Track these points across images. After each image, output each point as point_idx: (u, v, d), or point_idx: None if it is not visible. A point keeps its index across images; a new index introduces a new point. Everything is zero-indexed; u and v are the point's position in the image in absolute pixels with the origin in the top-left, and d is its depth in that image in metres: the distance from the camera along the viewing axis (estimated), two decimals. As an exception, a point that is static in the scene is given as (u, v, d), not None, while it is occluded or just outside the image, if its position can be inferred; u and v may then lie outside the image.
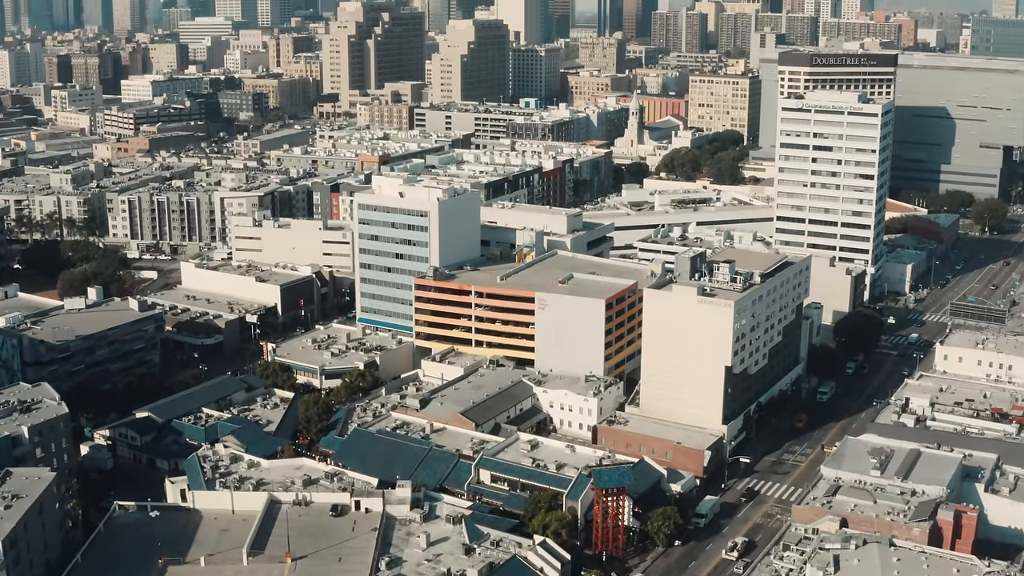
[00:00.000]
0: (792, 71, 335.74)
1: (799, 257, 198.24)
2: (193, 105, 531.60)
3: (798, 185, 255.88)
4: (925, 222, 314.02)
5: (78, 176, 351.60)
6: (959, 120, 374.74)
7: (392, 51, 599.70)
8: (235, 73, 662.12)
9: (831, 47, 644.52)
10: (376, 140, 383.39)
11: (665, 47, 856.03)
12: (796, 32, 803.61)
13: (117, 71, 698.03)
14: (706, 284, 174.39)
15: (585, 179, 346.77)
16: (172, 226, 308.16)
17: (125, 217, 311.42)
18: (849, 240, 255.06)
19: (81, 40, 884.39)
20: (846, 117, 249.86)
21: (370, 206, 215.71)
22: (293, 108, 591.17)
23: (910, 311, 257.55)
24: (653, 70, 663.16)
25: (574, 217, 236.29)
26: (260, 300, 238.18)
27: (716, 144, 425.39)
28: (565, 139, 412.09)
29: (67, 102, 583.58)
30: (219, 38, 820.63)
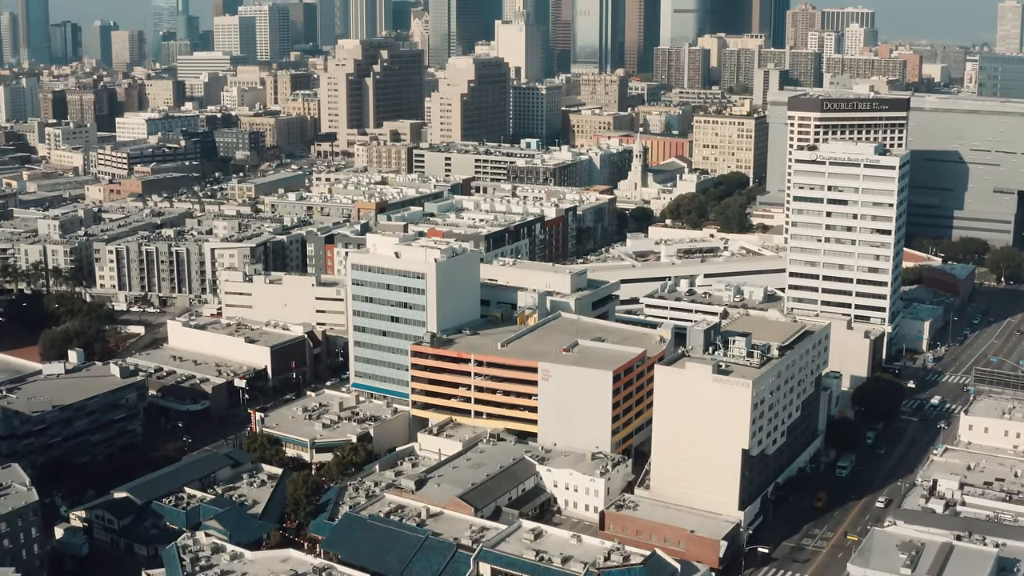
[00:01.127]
0: (802, 116, 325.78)
1: (818, 326, 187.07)
2: (188, 144, 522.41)
3: (812, 240, 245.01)
4: (940, 273, 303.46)
5: (67, 222, 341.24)
6: (972, 164, 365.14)
7: (391, 89, 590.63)
8: (232, 110, 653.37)
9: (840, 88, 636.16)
10: (373, 185, 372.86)
11: (667, 83, 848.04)
12: (800, 68, 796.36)
13: (113, 107, 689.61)
14: (721, 359, 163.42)
15: (588, 227, 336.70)
16: (161, 277, 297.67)
17: (112, 268, 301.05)
18: (865, 298, 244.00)
19: (77, 75, 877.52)
20: (862, 170, 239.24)
21: (364, 266, 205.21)
22: (290, 147, 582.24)
23: (929, 371, 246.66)
24: (655, 108, 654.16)
25: (578, 275, 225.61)
26: (249, 362, 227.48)
27: (722, 187, 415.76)
28: (567, 183, 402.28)
29: (61, 140, 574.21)
30: (216, 74, 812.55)
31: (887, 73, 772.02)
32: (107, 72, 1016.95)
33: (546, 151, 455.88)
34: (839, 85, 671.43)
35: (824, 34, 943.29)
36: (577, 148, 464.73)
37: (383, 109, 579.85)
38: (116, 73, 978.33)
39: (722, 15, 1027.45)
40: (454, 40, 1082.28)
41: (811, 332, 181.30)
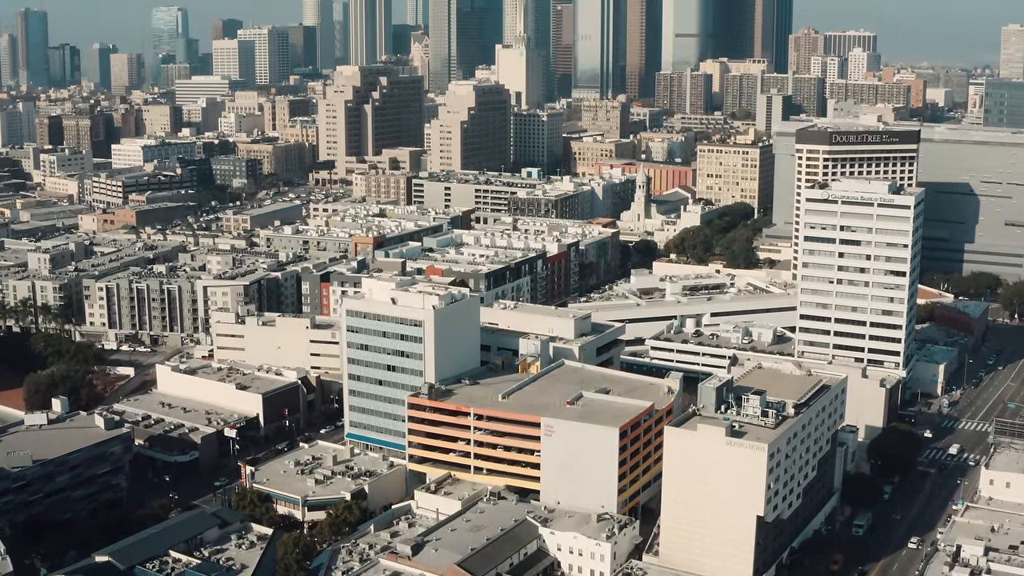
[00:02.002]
0: (810, 149, 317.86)
1: (834, 379, 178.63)
2: (184, 172, 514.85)
3: (823, 282, 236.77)
4: (953, 312, 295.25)
5: (57, 256, 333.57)
6: (983, 197, 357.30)
7: (390, 116, 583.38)
8: (229, 137, 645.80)
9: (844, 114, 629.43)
10: (371, 217, 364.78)
11: (669, 108, 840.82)
12: (803, 93, 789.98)
13: (109, 132, 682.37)
14: (734, 419, 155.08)
15: (591, 261, 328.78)
16: (152, 315, 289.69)
17: (103, 305, 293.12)
18: (878, 341, 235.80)
19: (74, 101, 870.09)
20: (876, 209, 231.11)
21: (360, 313, 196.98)
22: (288, 174, 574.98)
23: (944, 416, 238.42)
24: (658, 134, 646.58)
25: (582, 320, 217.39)
26: (241, 409, 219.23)
27: (726, 218, 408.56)
28: (569, 214, 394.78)
29: (56, 167, 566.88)
30: (214, 99, 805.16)
31: (891, 99, 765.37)
32: (105, 96, 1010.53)
33: (547, 181, 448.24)
34: (843, 111, 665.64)
35: (827, 59, 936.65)
36: (579, 177, 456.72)
37: (382, 136, 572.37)
38: (114, 97, 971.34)
39: (724, 39, 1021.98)
40: (454, 64, 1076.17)
41: (827, 387, 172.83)
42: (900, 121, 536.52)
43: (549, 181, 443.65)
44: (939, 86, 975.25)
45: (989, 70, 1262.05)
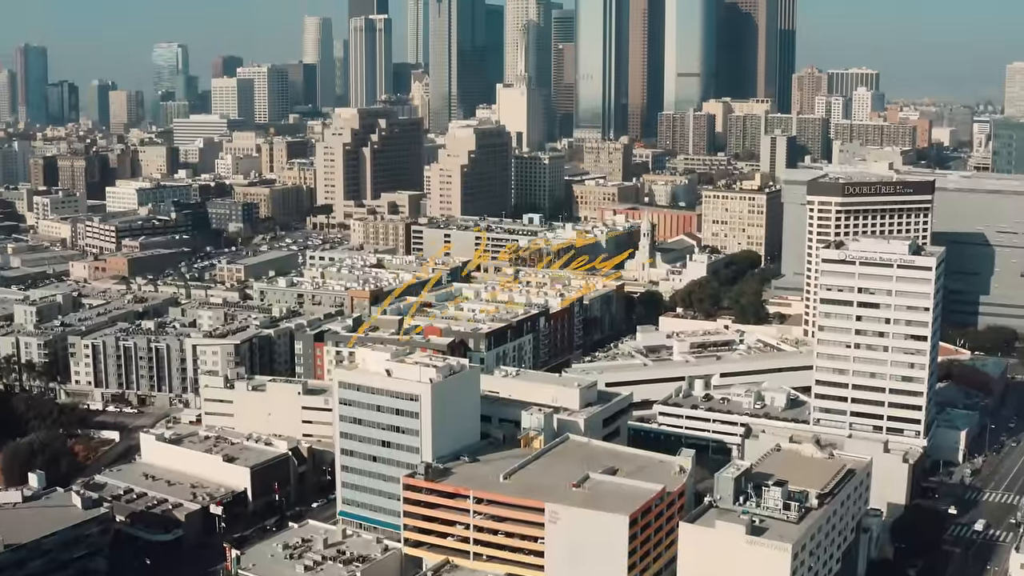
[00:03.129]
0: (822, 201, 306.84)
1: (859, 463, 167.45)
2: (179, 217, 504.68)
3: (840, 346, 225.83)
4: (971, 371, 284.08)
5: (44, 308, 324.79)
6: (998, 247, 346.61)
7: (389, 159, 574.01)
8: (226, 179, 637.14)
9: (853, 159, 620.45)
10: (368, 268, 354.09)
11: (672, 149, 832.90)
12: (807, 134, 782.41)
13: (105, 173, 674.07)
14: (754, 512, 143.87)
15: (595, 316, 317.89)
16: (140, 374, 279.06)
17: (88, 363, 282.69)
18: (898, 409, 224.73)
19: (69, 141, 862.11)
20: (895, 271, 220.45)
21: (352, 385, 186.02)
22: (285, 217, 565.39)
23: (967, 487, 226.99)
24: (661, 176, 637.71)
25: (587, 389, 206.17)
26: (228, 483, 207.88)
27: (733, 267, 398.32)
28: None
29: (49, 209, 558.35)
30: (212, 139, 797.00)
31: (897, 139, 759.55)
32: (103, 134, 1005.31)
33: (549, 227, 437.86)
34: (849, 154, 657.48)
35: (831, 99, 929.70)
36: (582, 223, 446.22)
37: (381, 179, 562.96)
38: (112, 136, 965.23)
39: (726, 79, 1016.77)
40: (455, 103, 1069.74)
41: (852, 471, 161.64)
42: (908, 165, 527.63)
43: (551, 228, 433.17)
44: (943, 125, 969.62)
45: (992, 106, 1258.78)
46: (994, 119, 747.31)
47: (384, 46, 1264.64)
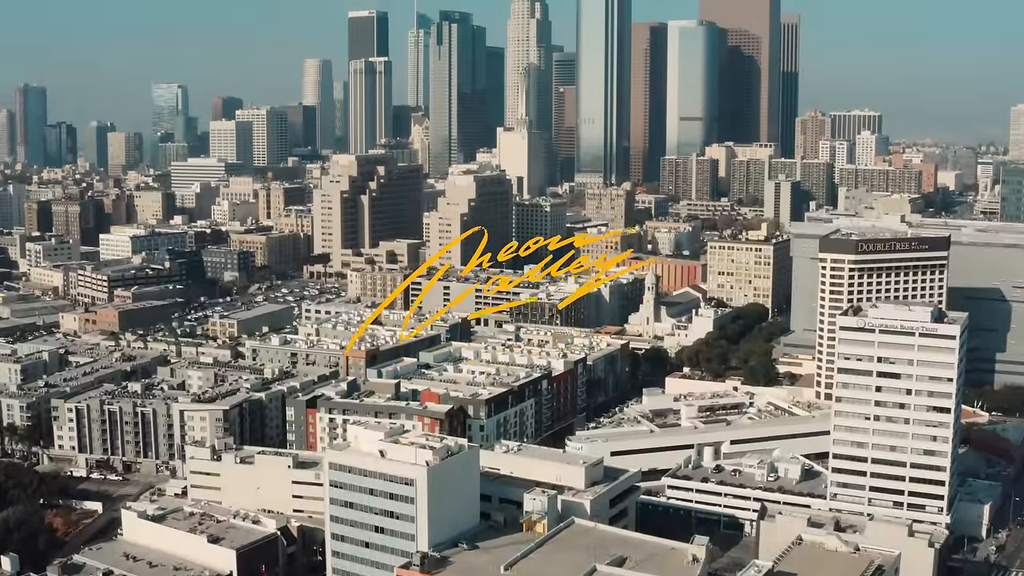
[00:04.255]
0: (835, 259, 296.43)
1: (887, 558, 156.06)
2: (173, 266, 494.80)
3: (859, 418, 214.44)
4: (991, 436, 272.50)
5: (30, 367, 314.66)
6: (1015, 303, 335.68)
7: (388, 206, 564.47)
8: (222, 225, 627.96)
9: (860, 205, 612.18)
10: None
11: (675, 194, 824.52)
12: (811, 179, 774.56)
13: (100, 219, 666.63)
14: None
15: (599, 377, 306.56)
16: (125, 440, 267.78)
17: (72, 427, 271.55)
18: (920, 484, 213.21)
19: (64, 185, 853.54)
20: (917, 339, 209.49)
21: (344, 467, 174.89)
22: (282, 266, 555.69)
23: (993, 566, 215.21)
24: (664, 223, 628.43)
25: (593, 467, 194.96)
26: (213, 565, 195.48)
27: (740, 322, 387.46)
28: (575, 318, 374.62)
29: (41, 256, 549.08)
30: (209, 183, 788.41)
31: (902, 184, 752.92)
32: (100, 176, 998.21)
33: (551, 280, 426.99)
34: (855, 200, 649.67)
35: (835, 143, 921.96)
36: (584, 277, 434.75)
37: (380, 227, 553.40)
38: (109, 179, 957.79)
39: (729, 122, 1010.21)
40: (455, 146, 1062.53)
41: (881, 569, 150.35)
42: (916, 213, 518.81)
43: (553, 281, 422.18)
44: (947, 168, 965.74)
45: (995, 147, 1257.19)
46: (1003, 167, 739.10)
47: (384, 89, 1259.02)
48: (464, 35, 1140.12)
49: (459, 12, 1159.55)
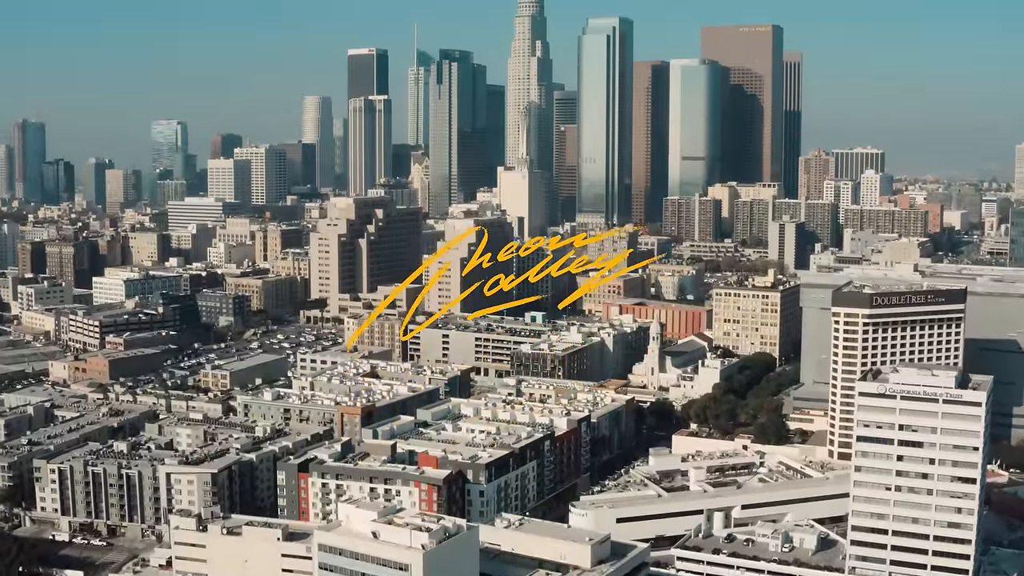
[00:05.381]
0: (848, 313, 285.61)
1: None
2: (167, 311, 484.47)
3: (880, 488, 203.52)
4: (1013, 500, 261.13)
5: (14, 422, 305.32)
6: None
7: (387, 249, 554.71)
8: (218, 268, 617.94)
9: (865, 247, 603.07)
10: (361, 378, 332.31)
11: (678, 235, 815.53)
12: (816, 220, 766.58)
13: (94, 260, 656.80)
14: None
15: (604, 435, 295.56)
16: (110, 503, 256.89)
17: (55, 489, 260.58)
18: (943, 557, 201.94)
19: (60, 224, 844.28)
20: (941, 406, 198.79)
21: (335, 549, 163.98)
22: (278, 310, 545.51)
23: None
24: (667, 266, 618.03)
25: (599, 544, 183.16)
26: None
27: (748, 372, 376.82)
28: (578, 370, 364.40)
29: (33, 299, 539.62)
30: (206, 224, 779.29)
31: (908, 225, 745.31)
32: (96, 215, 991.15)
33: (553, 328, 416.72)
34: (861, 242, 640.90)
35: (840, 183, 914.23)
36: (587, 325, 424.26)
37: (378, 271, 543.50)
38: (106, 218, 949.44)
39: (731, 161, 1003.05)
40: (455, 185, 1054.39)
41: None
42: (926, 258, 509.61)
43: (555, 329, 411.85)
44: (952, 206, 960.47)
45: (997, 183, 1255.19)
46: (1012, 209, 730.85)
47: (384, 127, 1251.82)
48: (464, 73, 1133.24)
49: (459, 50, 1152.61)
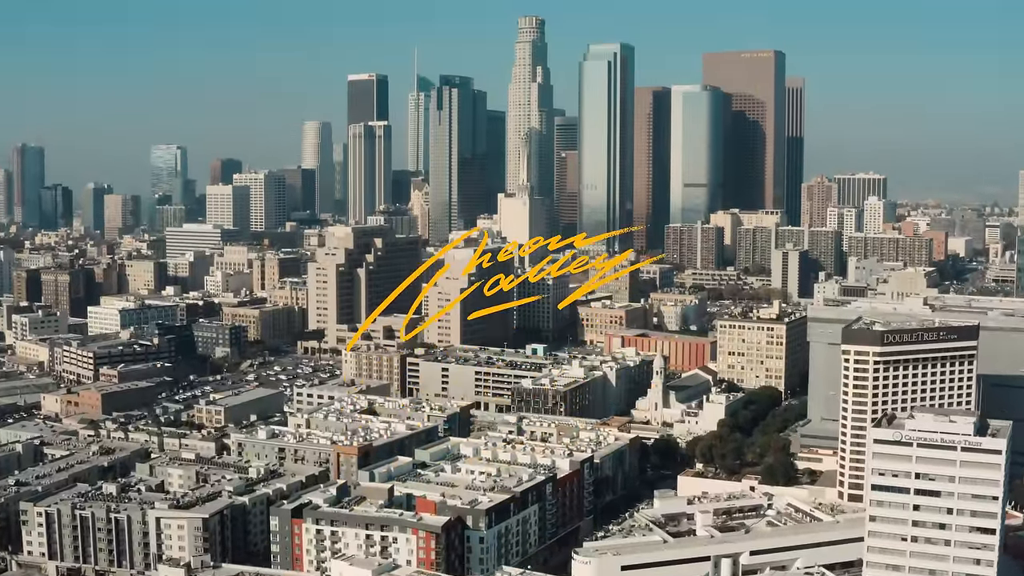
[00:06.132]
0: (859, 351, 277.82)
1: None
2: (162, 342, 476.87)
3: (895, 539, 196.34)
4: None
5: (2, 460, 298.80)
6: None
7: (385, 279, 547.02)
8: (215, 297, 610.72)
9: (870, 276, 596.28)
10: (358, 415, 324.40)
11: (680, 262, 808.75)
12: (819, 248, 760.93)
13: (90, 288, 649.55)
14: None
15: (607, 475, 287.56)
16: (98, 547, 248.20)
17: (42, 532, 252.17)
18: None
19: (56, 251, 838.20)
20: (959, 454, 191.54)
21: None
22: (275, 340, 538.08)
23: None
24: (669, 295, 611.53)
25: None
26: None
27: (753, 407, 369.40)
28: (579, 405, 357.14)
29: (28, 329, 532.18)
30: (203, 252, 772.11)
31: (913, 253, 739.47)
32: (94, 241, 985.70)
33: (554, 362, 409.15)
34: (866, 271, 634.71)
35: (843, 210, 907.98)
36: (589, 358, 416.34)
37: (377, 301, 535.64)
38: (103, 244, 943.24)
39: (734, 188, 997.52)
40: (455, 212, 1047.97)
41: None
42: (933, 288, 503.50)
43: (556, 363, 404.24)
44: (956, 233, 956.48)
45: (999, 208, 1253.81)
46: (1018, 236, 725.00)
47: (383, 153, 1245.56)
48: (465, 99, 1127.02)
49: (459, 76, 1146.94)
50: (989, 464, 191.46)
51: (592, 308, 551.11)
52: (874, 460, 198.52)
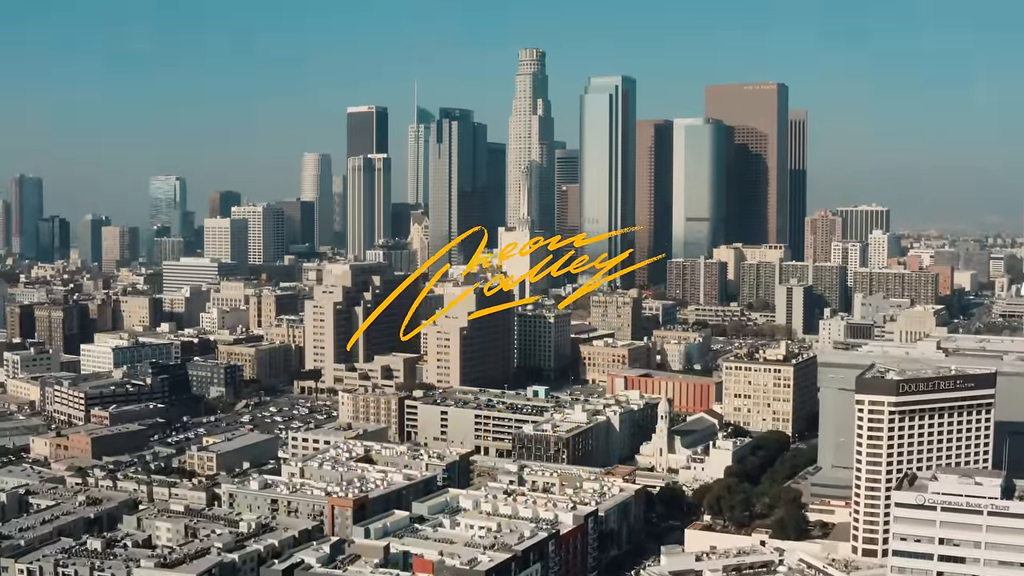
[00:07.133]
0: (873, 401, 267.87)
1: None
2: (155, 382, 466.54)
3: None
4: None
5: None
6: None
7: (384, 317, 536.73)
8: (211, 334, 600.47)
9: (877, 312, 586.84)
10: (354, 463, 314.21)
11: (682, 298, 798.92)
12: (824, 283, 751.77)
13: (85, 324, 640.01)
14: None
15: (612, 529, 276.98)
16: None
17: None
18: None
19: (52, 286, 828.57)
20: (985, 519, 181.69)
21: None
22: (271, 379, 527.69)
23: None
24: (672, 333, 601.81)
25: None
26: None
27: (761, 453, 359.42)
28: (582, 452, 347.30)
29: (19, 367, 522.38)
30: (200, 287, 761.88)
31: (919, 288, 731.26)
32: (91, 274, 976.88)
33: (556, 404, 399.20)
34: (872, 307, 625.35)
35: (848, 244, 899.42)
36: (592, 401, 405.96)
37: (375, 340, 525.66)
38: (99, 278, 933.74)
39: (736, 222, 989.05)
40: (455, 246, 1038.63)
41: None
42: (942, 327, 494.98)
43: (558, 406, 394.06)
44: (960, 266, 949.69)
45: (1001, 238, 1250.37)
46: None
47: (383, 186, 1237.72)
48: (465, 132, 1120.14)
49: (460, 109, 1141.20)
50: (1017, 529, 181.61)
51: (594, 347, 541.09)
52: (895, 524, 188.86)
